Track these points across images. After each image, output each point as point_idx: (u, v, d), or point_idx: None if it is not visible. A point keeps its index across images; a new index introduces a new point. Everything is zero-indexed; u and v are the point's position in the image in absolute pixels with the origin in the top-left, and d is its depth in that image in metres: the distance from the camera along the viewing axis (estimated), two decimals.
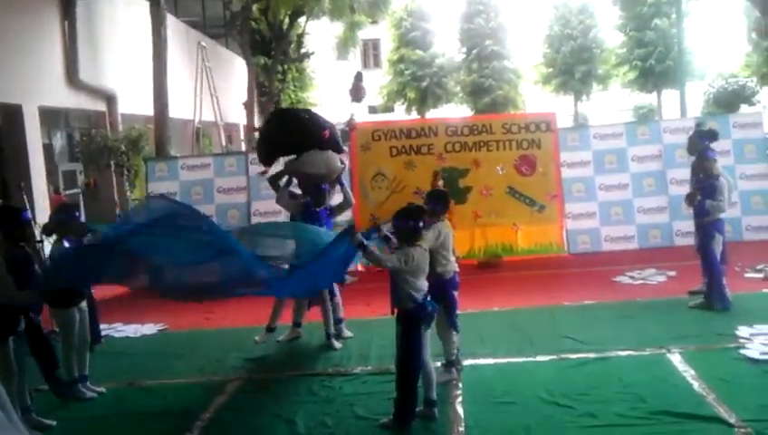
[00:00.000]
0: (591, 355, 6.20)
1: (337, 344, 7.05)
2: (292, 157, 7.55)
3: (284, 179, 7.63)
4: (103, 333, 7.76)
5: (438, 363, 5.81)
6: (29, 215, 5.43)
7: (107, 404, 5.95)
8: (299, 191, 7.55)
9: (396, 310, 5.13)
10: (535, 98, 33.35)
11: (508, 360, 6.32)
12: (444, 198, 6.13)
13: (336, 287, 7.31)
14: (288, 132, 7.63)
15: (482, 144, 11.30)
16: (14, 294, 5.09)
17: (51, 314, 6.23)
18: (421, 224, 5.12)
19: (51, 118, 14.45)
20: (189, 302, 7.41)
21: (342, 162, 7.83)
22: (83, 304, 6.17)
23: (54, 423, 5.47)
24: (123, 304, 9.24)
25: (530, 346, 6.61)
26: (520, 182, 11.14)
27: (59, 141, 16.41)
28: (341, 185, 7.70)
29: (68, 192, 15.28)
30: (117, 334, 8.15)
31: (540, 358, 6.29)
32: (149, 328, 8.33)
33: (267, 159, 7.91)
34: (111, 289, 9.65)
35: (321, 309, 7.13)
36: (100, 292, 6.57)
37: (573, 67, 31.66)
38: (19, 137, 11.50)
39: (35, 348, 5.43)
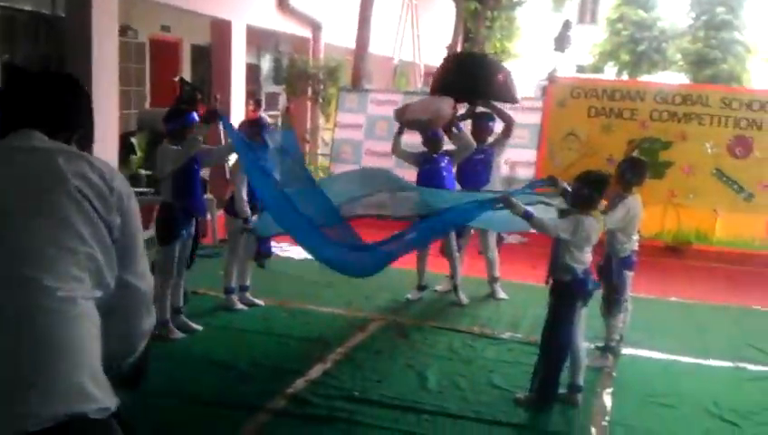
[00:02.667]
0: None
1: (464, 299, 6.76)
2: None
3: (396, 128, 7.13)
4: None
5: (592, 346, 5.29)
6: (195, 117, 5.48)
7: (252, 319, 6.08)
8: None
9: (551, 280, 4.67)
10: (765, 77, 29.80)
11: (675, 357, 5.63)
12: (643, 168, 5.50)
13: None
14: (456, 74, 7.13)
15: (693, 116, 10.14)
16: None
17: (225, 222, 6.40)
18: (600, 195, 4.57)
19: (260, 39, 14.98)
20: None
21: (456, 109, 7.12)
22: (254, 218, 6.29)
23: (200, 328, 5.67)
24: None
25: (704, 347, 5.86)
26: (730, 164, 9.90)
27: (267, 63, 17.11)
28: (458, 129, 6.98)
29: (269, 113, 15.95)
30: (281, 253, 8.34)
31: (713, 362, 5.54)
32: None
33: None
34: None
35: (449, 259, 6.82)
36: None
37: None
38: (226, 52, 12.02)
39: None
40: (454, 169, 6.86)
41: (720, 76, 28.28)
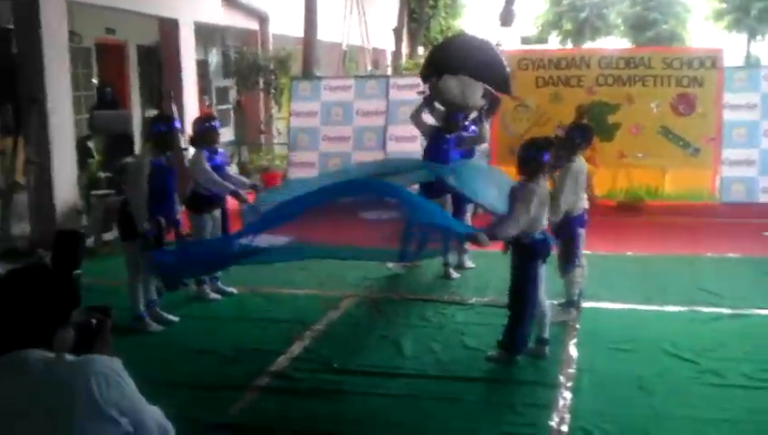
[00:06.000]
0: (726, 311, 5.71)
1: (454, 274, 6.94)
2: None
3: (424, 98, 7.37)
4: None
5: (555, 302, 5.56)
6: (178, 124, 5.66)
7: (227, 307, 6.24)
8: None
9: (510, 246, 4.89)
10: (704, 35, 30.64)
11: (634, 307, 5.95)
12: (589, 132, 5.80)
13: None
14: (453, 55, 7.34)
15: (637, 79, 10.51)
16: (140, 212, 5.35)
17: (188, 217, 6.50)
18: (546, 157, 4.82)
19: (207, 35, 14.97)
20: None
21: (492, 99, 7.35)
22: (217, 213, 6.40)
23: (176, 319, 5.80)
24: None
25: (660, 295, 6.18)
26: (675, 122, 10.30)
27: (214, 58, 17.07)
28: (481, 121, 7.29)
29: (219, 108, 15.95)
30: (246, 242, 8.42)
31: (669, 308, 5.87)
32: (279, 240, 8.53)
33: (424, 77, 7.69)
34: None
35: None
36: (233, 202, 6.76)
37: (749, 3, 28.65)
38: (175, 51, 12.01)
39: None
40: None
41: (662, 37, 29.01)
